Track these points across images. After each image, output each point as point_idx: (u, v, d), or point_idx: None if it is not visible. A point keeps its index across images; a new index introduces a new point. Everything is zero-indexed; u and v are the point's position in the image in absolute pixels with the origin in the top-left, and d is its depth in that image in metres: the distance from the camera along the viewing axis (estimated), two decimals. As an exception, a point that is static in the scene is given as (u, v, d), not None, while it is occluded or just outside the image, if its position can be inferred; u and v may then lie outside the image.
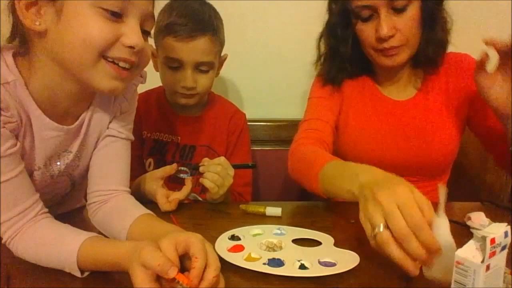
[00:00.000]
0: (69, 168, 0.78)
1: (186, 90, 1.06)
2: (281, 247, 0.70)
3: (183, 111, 1.16)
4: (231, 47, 1.15)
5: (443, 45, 0.99)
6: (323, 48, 1.08)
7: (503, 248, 0.50)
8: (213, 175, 0.90)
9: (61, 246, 0.63)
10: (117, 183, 0.80)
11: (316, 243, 0.72)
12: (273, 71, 1.41)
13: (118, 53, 0.65)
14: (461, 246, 0.50)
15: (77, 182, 0.83)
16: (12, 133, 0.65)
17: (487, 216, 0.78)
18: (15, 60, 0.67)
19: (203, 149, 1.16)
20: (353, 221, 0.81)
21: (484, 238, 0.48)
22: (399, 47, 0.94)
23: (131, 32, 0.65)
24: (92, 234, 0.65)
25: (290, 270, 0.62)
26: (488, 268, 0.49)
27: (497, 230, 0.49)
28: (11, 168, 0.64)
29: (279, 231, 0.76)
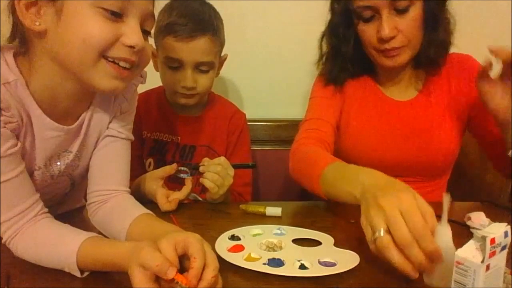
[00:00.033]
0: (69, 168, 0.78)
1: (186, 90, 1.06)
2: (281, 247, 0.70)
3: (183, 111, 1.16)
4: (231, 47, 1.15)
5: (446, 46, 0.98)
6: (325, 47, 1.07)
7: (503, 248, 0.50)
8: (213, 175, 0.90)
9: (60, 246, 0.63)
10: (117, 183, 0.80)
11: (316, 243, 0.72)
12: (273, 71, 1.41)
13: (118, 53, 0.65)
14: (461, 246, 0.50)
15: (77, 182, 0.83)
16: (12, 133, 0.65)
17: (487, 216, 0.78)
18: (15, 59, 0.67)
19: (203, 149, 1.16)
20: (353, 221, 0.81)
21: (484, 238, 0.48)
22: (401, 48, 0.93)
23: (131, 32, 0.65)
24: (91, 234, 0.65)
25: (290, 270, 0.62)
26: (488, 268, 0.49)
27: (497, 230, 0.49)
28: (12, 168, 0.64)
29: (279, 231, 0.76)
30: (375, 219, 0.57)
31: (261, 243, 0.71)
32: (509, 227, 0.50)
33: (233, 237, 0.73)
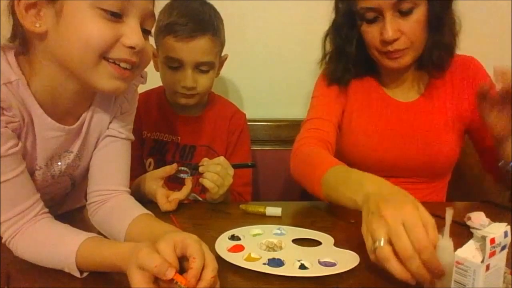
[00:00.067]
0: (70, 168, 0.78)
1: (186, 90, 1.06)
2: (281, 247, 0.70)
3: (183, 111, 1.16)
4: (231, 47, 1.15)
5: (450, 49, 0.97)
6: (328, 46, 1.06)
7: (503, 248, 0.50)
8: (213, 175, 0.90)
9: (60, 246, 0.63)
10: (117, 183, 0.80)
11: (316, 243, 0.72)
12: (273, 71, 1.41)
13: (119, 54, 0.65)
14: (461, 246, 0.50)
15: (77, 182, 0.83)
16: (14, 132, 0.65)
17: (487, 216, 0.78)
18: (17, 59, 0.66)
19: (203, 149, 1.16)
20: (353, 221, 0.81)
21: (484, 238, 0.48)
22: (404, 50, 0.92)
23: (131, 32, 0.65)
24: (91, 234, 0.65)
25: (290, 270, 0.62)
26: (488, 268, 0.49)
27: (497, 230, 0.49)
28: (13, 167, 0.64)
29: (279, 231, 0.76)
30: (377, 229, 0.57)
31: (261, 243, 0.71)
32: (509, 227, 0.50)
33: (233, 237, 0.73)
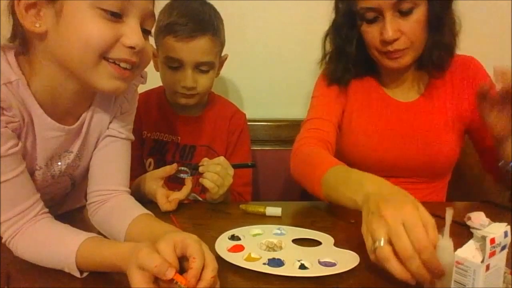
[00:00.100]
0: (70, 168, 0.78)
1: (186, 90, 1.06)
2: (281, 247, 0.70)
3: (183, 111, 1.16)
4: (231, 47, 1.15)
5: (450, 49, 0.96)
6: (328, 46, 1.06)
7: (503, 248, 0.50)
8: (213, 175, 0.90)
9: (60, 246, 0.63)
10: (117, 183, 0.80)
11: (316, 243, 0.72)
12: (273, 71, 1.41)
13: (119, 54, 0.65)
14: (461, 246, 0.50)
15: (77, 182, 0.83)
16: (14, 132, 0.65)
17: (487, 216, 0.78)
18: (17, 59, 0.66)
19: (203, 149, 1.16)
20: (353, 221, 0.81)
21: (484, 238, 0.48)
22: (404, 50, 0.92)
23: (131, 32, 0.65)
24: (91, 234, 0.65)
25: (290, 270, 0.62)
26: (488, 268, 0.49)
27: (497, 230, 0.49)
28: (13, 167, 0.64)
29: (279, 231, 0.76)
30: (377, 230, 0.57)
31: (261, 243, 0.71)
32: (509, 227, 0.50)
33: (233, 237, 0.73)
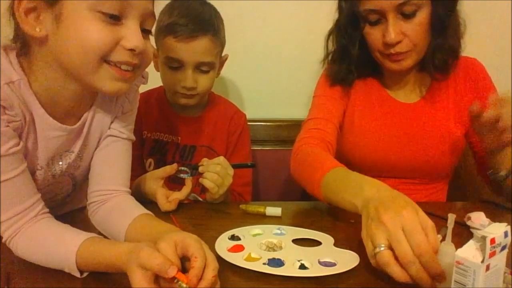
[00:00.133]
0: (71, 168, 0.78)
1: (186, 90, 1.06)
2: (281, 247, 0.70)
3: (184, 111, 1.16)
4: (231, 47, 1.15)
5: (454, 52, 0.96)
6: (331, 46, 1.06)
7: (503, 248, 0.50)
8: (213, 175, 0.90)
9: (60, 246, 0.63)
10: (118, 183, 0.80)
11: (316, 243, 0.72)
12: (273, 71, 1.41)
13: (119, 57, 0.65)
14: (461, 246, 0.50)
15: (78, 182, 0.83)
16: (15, 132, 0.65)
17: (487, 216, 0.78)
18: (18, 59, 0.67)
19: (203, 149, 1.16)
20: (353, 221, 0.81)
21: (484, 238, 0.48)
22: (406, 52, 0.92)
23: (131, 34, 0.65)
24: (91, 234, 0.65)
25: (290, 270, 0.62)
26: (488, 268, 0.49)
27: (497, 230, 0.49)
28: (14, 167, 0.64)
29: (279, 231, 0.76)
30: (377, 235, 0.57)
31: (261, 243, 0.71)
32: (509, 227, 0.50)
33: (233, 237, 0.73)
